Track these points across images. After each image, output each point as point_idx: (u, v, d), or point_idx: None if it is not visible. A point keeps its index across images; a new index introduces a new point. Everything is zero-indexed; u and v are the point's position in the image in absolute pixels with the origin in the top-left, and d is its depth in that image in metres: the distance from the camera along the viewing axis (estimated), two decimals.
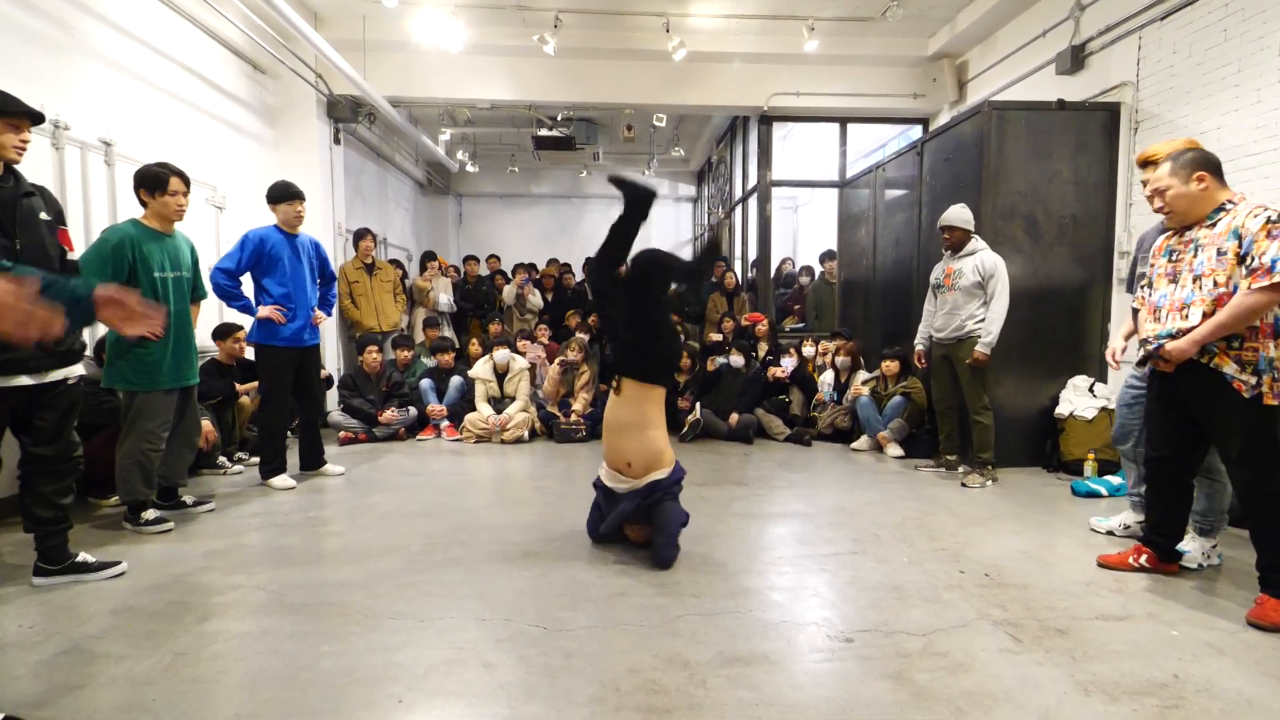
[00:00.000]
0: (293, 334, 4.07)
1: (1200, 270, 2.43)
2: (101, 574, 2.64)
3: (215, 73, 5.48)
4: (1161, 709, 1.78)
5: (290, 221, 4.08)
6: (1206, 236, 2.44)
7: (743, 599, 2.46)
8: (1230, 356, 2.36)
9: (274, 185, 4.10)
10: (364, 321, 6.51)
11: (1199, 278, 2.43)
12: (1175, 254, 2.56)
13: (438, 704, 1.81)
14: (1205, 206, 2.45)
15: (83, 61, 4.10)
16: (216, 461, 4.42)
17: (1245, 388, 2.31)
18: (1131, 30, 4.54)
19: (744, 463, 4.89)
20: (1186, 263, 2.49)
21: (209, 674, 1.94)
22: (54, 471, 2.55)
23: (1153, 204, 2.63)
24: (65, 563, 2.60)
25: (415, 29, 6.14)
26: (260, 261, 3.99)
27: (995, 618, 2.30)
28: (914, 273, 5.47)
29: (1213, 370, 2.37)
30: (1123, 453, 3.25)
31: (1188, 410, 2.51)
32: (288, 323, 4.01)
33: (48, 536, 2.57)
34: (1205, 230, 2.45)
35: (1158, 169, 2.57)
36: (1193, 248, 2.48)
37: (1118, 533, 3.27)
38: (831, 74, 7.07)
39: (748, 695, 1.83)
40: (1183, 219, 2.51)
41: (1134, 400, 3.08)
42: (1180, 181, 2.47)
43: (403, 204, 10.18)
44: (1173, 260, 2.56)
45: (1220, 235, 2.39)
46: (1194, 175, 2.45)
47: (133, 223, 3.22)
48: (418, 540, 3.10)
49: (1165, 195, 2.51)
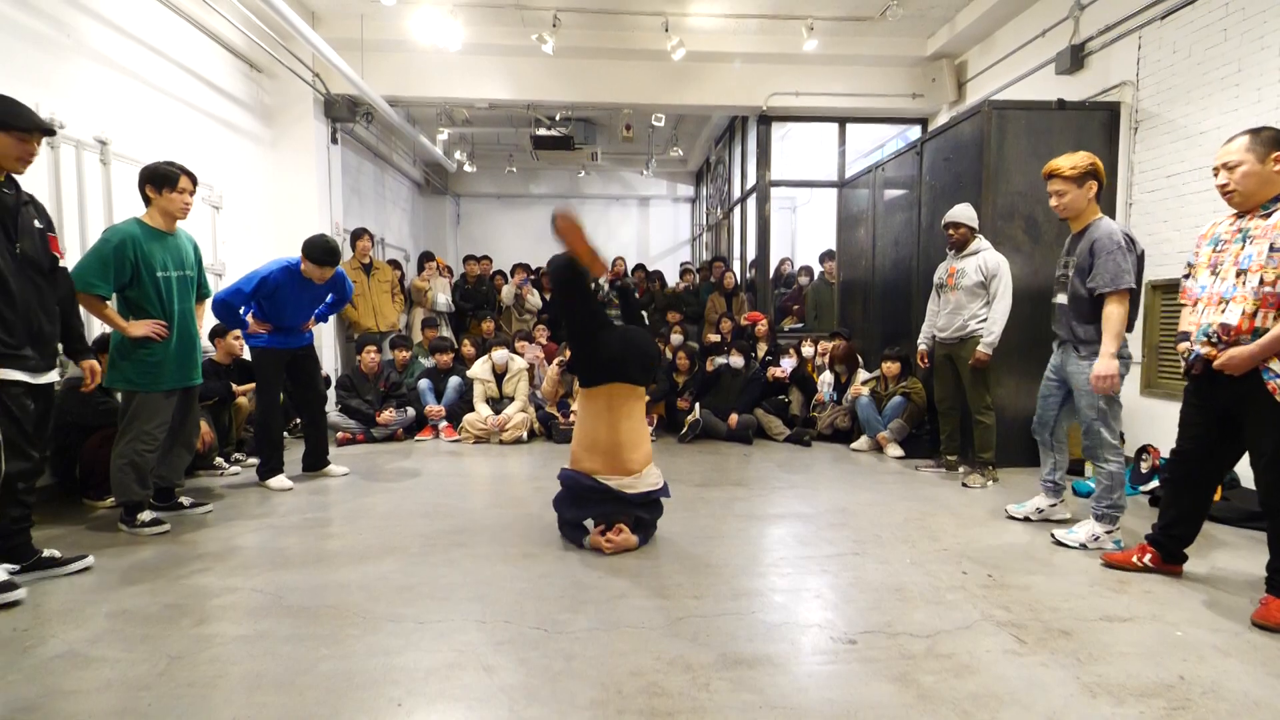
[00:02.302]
0: (280, 340, 4.05)
1: (1246, 264, 2.27)
2: (69, 567, 2.64)
3: (212, 72, 5.45)
4: (1169, 710, 1.77)
5: (314, 278, 3.95)
6: (1259, 228, 2.26)
7: (744, 600, 2.44)
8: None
9: (316, 244, 3.89)
10: (362, 322, 6.49)
11: (1243, 272, 2.27)
12: (1222, 243, 2.39)
13: (438, 708, 1.78)
14: (1271, 191, 2.27)
15: (79, 60, 4.07)
16: (213, 462, 4.39)
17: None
18: (1131, 30, 4.54)
19: (744, 463, 4.87)
20: (1232, 254, 2.33)
21: (206, 678, 1.91)
22: (27, 471, 2.54)
23: (1216, 178, 2.39)
24: (31, 559, 2.59)
25: (413, 28, 6.13)
26: (270, 296, 3.92)
27: (999, 619, 2.29)
28: (913, 273, 5.46)
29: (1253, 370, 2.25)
30: (1041, 441, 3.35)
31: (1224, 410, 2.40)
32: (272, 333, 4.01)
33: (14, 535, 2.56)
34: (1259, 220, 2.28)
35: (1231, 144, 2.34)
36: (1240, 238, 2.32)
37: (1033, 518, 3.37)
38: (830, 74, 7.07)
39: (751, 698, 1.81)
40: (1245, 202, 2.32)
41: (1050, 391, 3.24)
42: (1256, 159, 2.26)
43: (400, 204, 10.16)
44: (1217, 249, 2.40)
45: (1275, 229, 2.22)
46: (1273, 154, 2.24)
47: (135, 221, 3.18)
48: (416, 542, 3.08)
49: (1235, 173, 2.30)
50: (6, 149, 2.40)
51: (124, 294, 3.13)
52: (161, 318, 3.19)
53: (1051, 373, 3.25)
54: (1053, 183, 3.07)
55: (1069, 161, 3.03)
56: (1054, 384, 3.24)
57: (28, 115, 2.45)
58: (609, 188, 12.67)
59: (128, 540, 3.09)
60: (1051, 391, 3.25)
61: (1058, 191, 3.06)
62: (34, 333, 2.49)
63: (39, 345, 2.51)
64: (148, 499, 3.26)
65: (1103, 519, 3.01)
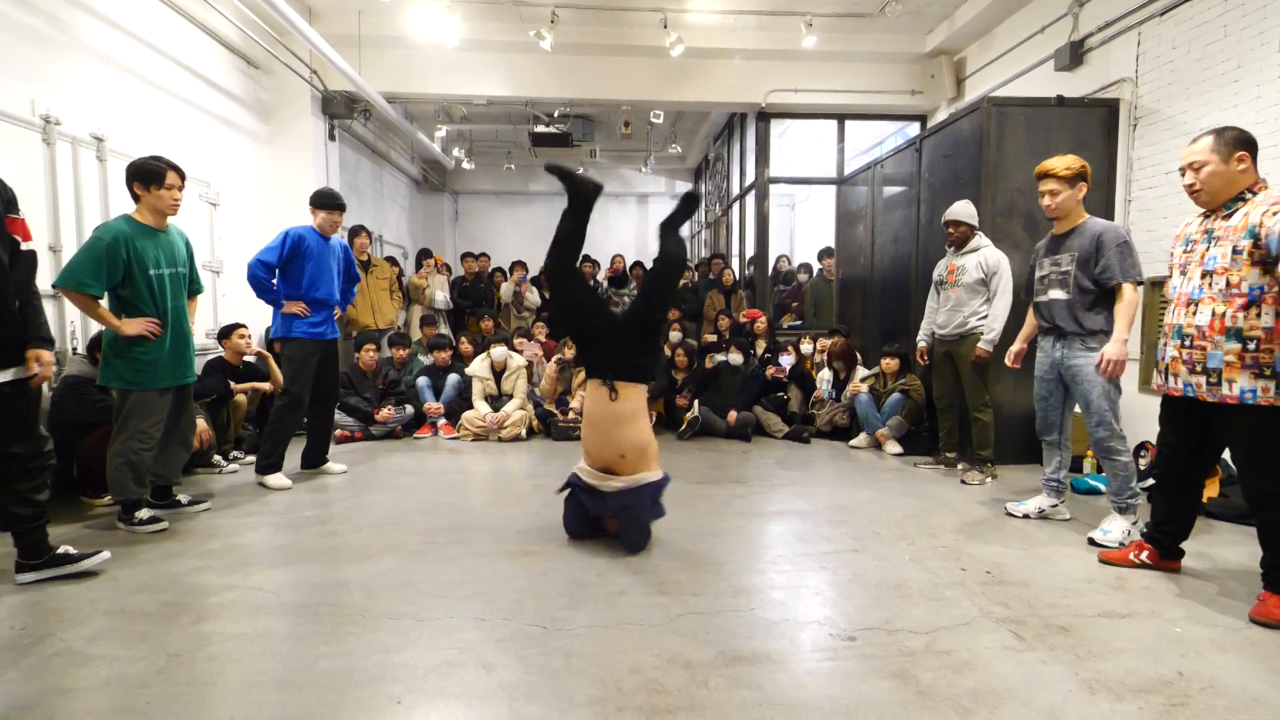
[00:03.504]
0: (315, 327, 4.07)
1: (1212, 266, 2.32)
2: (85, 563, 2.62)
3: (209, 68, 5.43)
4: (1167, 706, 1.77)
5: (326, 228, 4.12)
6: (1222, 229, 2.32)
7: (744, 597, 2.44)
8: (1245, 363, 2.24)
9: (321, 192, 4.15)
10: (360, 319, 6.47)
11: (1209, 274, 2.32)
12: (1191, 244, 2.44)
13: (438, 705, 1.78)
14: (1235, 191, 2.31)
15: (75, 56, 4.06)
16: (211, 460, 4.38)
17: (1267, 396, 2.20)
18: (1130, 26, 4.54)
19: (743, 460, 4.87)
20: (1198, 255, 2.38)
21: (204, 676, 1.91)
22: (27, 469, 2.51)
23: (1183, 179, 2.44)
24: (46, 556, 2.58)
25: (411, 24, 6.11)
26: (295, 258, 4.01)
27: (998, 615, 2.29)
28: (912, 270, 5.46)
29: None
30: (1046, 443, 3.37)
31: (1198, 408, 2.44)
32: (311, 316, 4.04)
33: (27, 534, 2.55)
34: (1221, 221, 2.34)
35: (1195, 144, 2.39)
36: (1207, 238, 2.37)
37: (1032, 516, 3.39)
38: (829, 70, 7.06)
39: (750, 695, 1.82)
40: (1211, 201, 2.37)
41: (1049, 391, 3.27)
42: (1220, 160, 2.31)
43: (398, 201, 10.14)
44: (1187, 250, 2.44)
45: (1236, 230, 2.27)
46: (1236, 154, 2.29)
47: (125, 219, 3.14)
48: (415, 539, 3.07)
49: (1200, 173, 2.35)
50: None
51: (116, 292, 3.10)
52: (154, 316, 3.16)
53: (1045, 372, 3.26)
54: (1045, 182, 3.14)
55: (1062, 163, 3.11)
56: (1050, 383, 3.25)
57: None
58: (607, 185, 12.41)
59: (126, 538, 3.08)
60: (1050, 391, 3.26)
61: (1050, 191, 3.13)
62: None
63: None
64: (145, 497, 3.25)
65: (1126, 511, 3.05)
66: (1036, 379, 3.32)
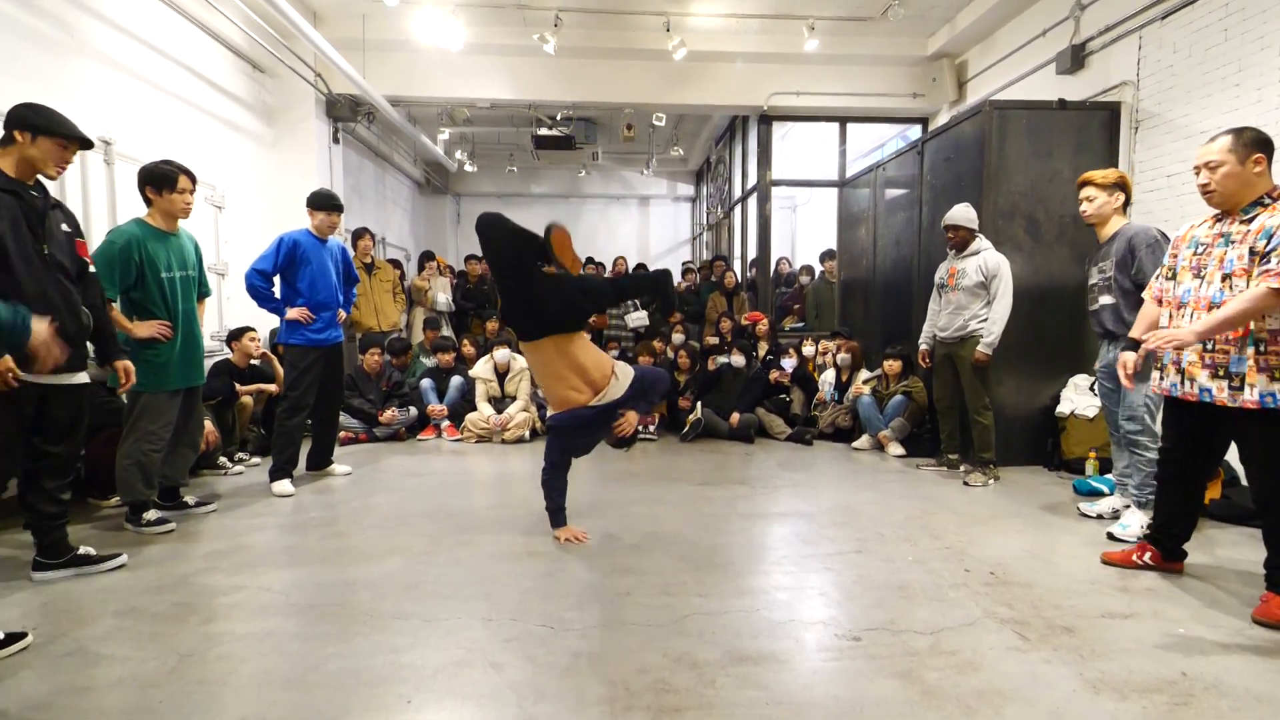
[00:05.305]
0: (319, 333, 4.08)
1: (1231, 269, 2.29)
2: (104, 565, 2.67)
3: (214, 71, 5.46)
4: (1171, 706, 1.78)
5: (324, 230, 4.11)
6: (1239, 232, 2.29)
7: (749, 598, 2.46)
8: (1259, 365, 2.22)
9: (319, 193, 4.13)
10: (363, 321, 6.49)
11: (1229, 276, 2.29)
12: (1202, 247, 2.41)
13: (448, 704, 1.80)
14: (1251, 194, 2.29)
15: (82, 60, 4.08)
16: (217, 462, 4.40)
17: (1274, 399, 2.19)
18: (1132, 30, 4.56)
19: (746, 462, 4.89)
20: (1215, 258, 2.35)
21: (215, 675, 1.93)
22: (60, 469, 2.59)
23: (1197, 177, 2.41)
24: (67, 556, 2.63)
25: (415, 28, 6.13)
26: (292, 263, 4.01)
27: (1002, 616, 2.30)
28: (914, 272, 5.48)
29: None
30: (1116, 440, 3.40)
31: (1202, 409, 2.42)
32: (315, 322, 4.04)
33: (49, 531, 2.60)
34: (1239, 225, 2.30)
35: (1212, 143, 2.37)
36: (1223, 242, 2.34)
37: (1105, 515, 3.42)
38: (831, 73, 7.08)
39: (757, 694, 1.83)
40: (1224, 202, 2.34)
41: (1109, 392, 3.34)
42: (1237, 160, 2.28)
43: (401, 203, 10.17)
44: (1198, 253, 2.42)
45: (1255, 234, 2.24)
46: (1254, 156, 2.27)
47: (137, 223, 3.18)
48: (421, 540, 3.09)
49: (1216, 173, 2.31)
50: (47, 154, 2.46)
51: (129, 295, 3.14)
52: (166, 318, 3.20)
53: (1104, 371, 3.34)
54: (1085, 189, 3.29)
55: (1101, 172, 3.29)
56: (1111, 387, 3.31)
57: (70, 125, 2.52)
58: (609, 187, 12.67)
59: (134, 539, 3.10)
60: (1110, 391, 3.34)
61: (1089, 198, 3.27)
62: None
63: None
64: (153, 498, 3.27)
65: (1146, 506, 3.07)
66: (1098, 380, 3.43)
